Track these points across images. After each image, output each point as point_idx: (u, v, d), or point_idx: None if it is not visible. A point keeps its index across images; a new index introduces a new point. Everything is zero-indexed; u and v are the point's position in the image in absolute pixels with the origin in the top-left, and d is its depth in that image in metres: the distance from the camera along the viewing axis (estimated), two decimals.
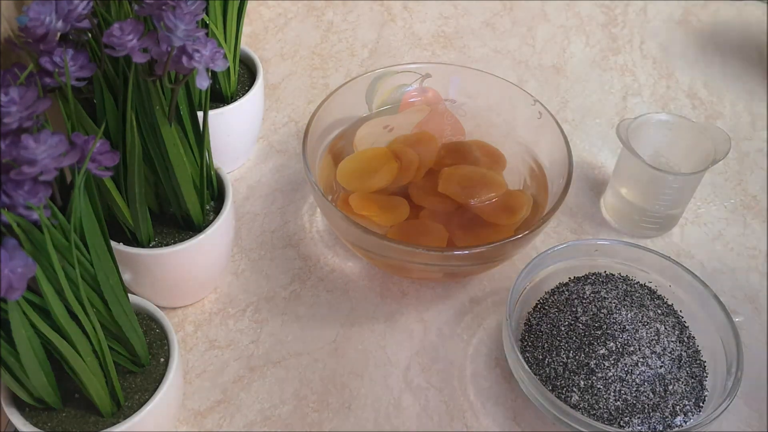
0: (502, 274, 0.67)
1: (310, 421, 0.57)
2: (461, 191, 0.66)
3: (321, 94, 0.78)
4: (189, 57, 0.45)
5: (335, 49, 0.88)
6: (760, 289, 0.67)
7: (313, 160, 0.65)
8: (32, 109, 0.38)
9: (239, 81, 0.70)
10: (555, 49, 0.90)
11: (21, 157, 0.37)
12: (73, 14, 0.45)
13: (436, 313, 0.64)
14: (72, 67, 0.45)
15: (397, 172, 0.67)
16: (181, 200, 0.55)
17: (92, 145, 0.41)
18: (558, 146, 0.65)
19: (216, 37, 0.62)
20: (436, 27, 0.92)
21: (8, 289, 0.35)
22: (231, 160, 0.73)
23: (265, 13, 0.92)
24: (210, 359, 0.60)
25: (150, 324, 0.53)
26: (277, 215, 0.71)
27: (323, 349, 0.61)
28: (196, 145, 0.54)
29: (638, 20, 0.95)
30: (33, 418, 0.47)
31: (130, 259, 0.55)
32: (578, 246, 0.63)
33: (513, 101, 0.70)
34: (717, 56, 0.90)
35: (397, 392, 0.59)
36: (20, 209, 0.37)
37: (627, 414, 0.54)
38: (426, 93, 0.74)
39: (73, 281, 0.42)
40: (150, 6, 0.46)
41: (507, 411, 0.58)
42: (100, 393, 0.46)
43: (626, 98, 0.84)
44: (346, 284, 0.66)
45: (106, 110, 0.50)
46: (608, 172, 0.76)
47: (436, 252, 0.60)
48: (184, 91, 0.52)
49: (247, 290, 0.65)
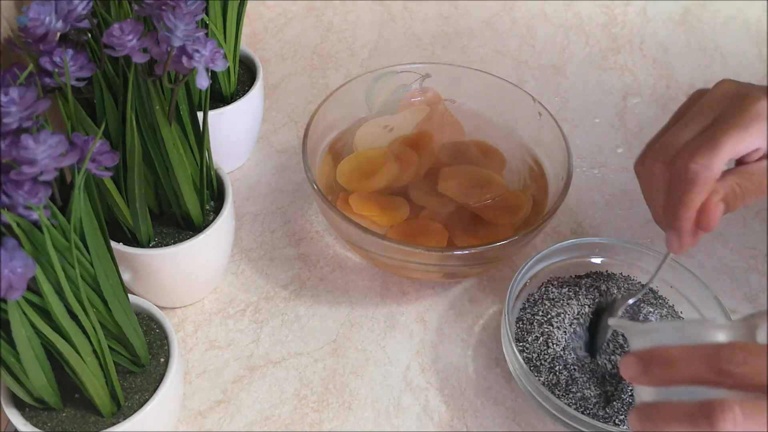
0: (502, 274, 0.67)
1: (310, 421, 0.57)
2: (461, 191, 0.66)
3: (321, 94, 0.78)
4: (189, 57, 0.45)
5: (335, 49, 0.88)
6: (760, 289, 0.67)
7: (313, 160, 0.65)
8: (32, 109, 0.39)
9: (239, 81, 0.70)
10: (555, 49, 0.90)
11: (21, 157, 0.37)
12: (73, 14, 0.45)
13: (436, 313, 0.64)
14: (72, 67, 0.45)
15: (397, 172, 0.67)
16: (181, 200, 0.55)
17: (92, 145, 0.41)
18: (558, 146, 0.65)
19: (216, 37, 0.62)
20: (436, 27, 0.92)
21: (8, 289, 0.35)
22: (231, 160, 0.73)
23: (265, 13, 0.92)
24: (210, 359, 0.60)
25: (150, 324, 0.53)
26: (277, 215, 0.71)
27: (323, 349, 0.61)
28: (196, 145, 0.54)
29: (638, 20, 0.95)
30: (33, 418, 0.47)
31: (130, 259, 0.55)
32: (578, 245, 0.63)
33: (513, 101, 0.70)
34: (717, 56, 0.90)
35: (397, 392, 0.59)
36: (20, 209, 0.37)
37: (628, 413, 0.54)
38: (426, 93, 0.74)
39: (73, 281, 0.42)
40: (150, 6, 0.46)
41: (507, 411, 0.58)
42: (100, 393, 0.46)
43: (626, 98, 0.84)
44: (346, 284, 0.66)
45: (106, 110, 0.50)
46: (608, 172, 0.76)
47: (436, 252, 0.60)
48: (184, 91, 0.52)
49: (247, 290, 0.65)
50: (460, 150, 0.71)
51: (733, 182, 0.52)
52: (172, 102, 0.50)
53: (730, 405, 0.38)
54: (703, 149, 0.50)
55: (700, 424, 0.39)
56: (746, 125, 0.50)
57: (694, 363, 0.41)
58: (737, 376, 0.39)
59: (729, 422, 0.38)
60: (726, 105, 0.52)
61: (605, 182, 0.75)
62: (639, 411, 0.43)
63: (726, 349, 0.40)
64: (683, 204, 0.51)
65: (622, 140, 0.79)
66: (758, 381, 0.39)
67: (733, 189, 0.52)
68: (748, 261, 0.70)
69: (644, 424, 0.42)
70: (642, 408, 0.43)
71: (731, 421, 0.38)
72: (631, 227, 0.71)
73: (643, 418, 0.42)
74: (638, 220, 0.72)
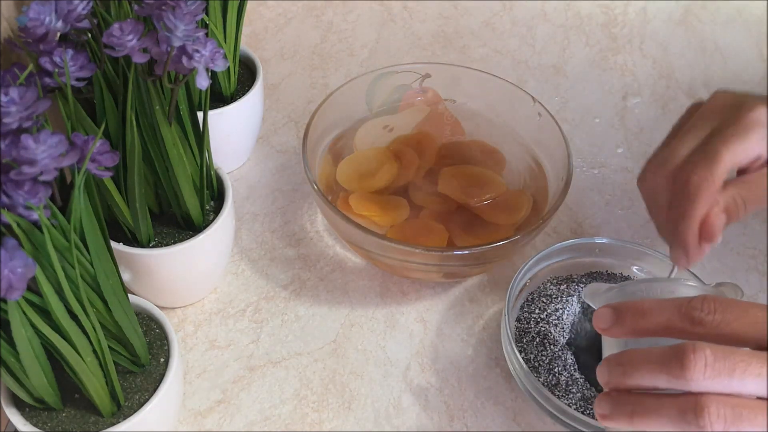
0: (502, 274, 0.67)
1: (310, 421, 0.57)
2: (461, 191, 0.66)
3: (321, 94, 0.78)
4: (189, 57, 0.45)
5: (335, 49, 0.88)
6: (760, 289, 0.67)
7: (313, 160, 0.65)
8: (32, 109, 0.39)
9: (239, 81, 0.70)
10: (555, 49, 0.90)
11: (21, 157, 0.37)
12: (73, 14, 0.45)
13: (436, 313, 0.64)
14: (72, 67, 0.45)
15: (397, 172, 0.67)
16: (181, 200, 0.55)
17: (92, 145, 0.41)
18: (558, 146, 0.65)
19: (216, 37, 0.62)
20: (436, 27, 0.92)
21: (8, 289, 0.35)
22: (231, 160, 0.73)
23: (265, 13, 0.92)
24: (210, 359, 0.60)
25: (150, 324, 0.53)
26: (277, 215, 0.71)
27: (323, 349, 0.61)
28: (196, 145, 0.54)
29: (638, 20, 0.95)
30: (33, 418, 0.47)
31: (130, 259, 0.55)
32: (578, 246, 0.63)
33: (513, 101, 0.70)
34: (717, 56, 0.90)
35: (397, 392, 0.59)
36: (20, 209, 0.37)
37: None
38: (426, 93, 0.74)
39: (73, 281, 0.42)
40: (150, 6, 0.46)
41: (507, 411, 0.58)
42: (100, 393, 0.46)
43: (626, 98, 0.84)
44: (346, 284, 0.66)
45: (106, 110, 0.50)
46: (608, 172, 0.76)
47: (436, 252, 0.60)
48: (184, 91, 0.52)
49: (247, 290, 0.65)
50: (460, 150, 0.71)
51: (735, 193, 0.52)
52: (172, 102, 0.50)
53: (701, 346, 0.39)
54: (703, 161, 0.50)
55: (672, 365, 0.40)
56: (744, 134, 0.51)
57: (665, 312, 0.42)
58: (708, 324, 0.40)
59: (700, 362, 0.39)
60: (723, 115, 0.53)
61: (605, 182, 0.75)
62: (607, 360, 0.43)
63: (698, 299, 0.41)
64: (686, 217, 0.51)
65: (622, 140, 0.79)
66: (727, 330, 0.40)
67: (734, 199, 0.52)
68: (748, 261, 0.70)
69: (613, 371, 0.43)
70: (611, 357, 0.43)
71: (701, 361, 0.39)
72: (631, 227, 0.71)
73: (612, 365, 0.43)
74: (638, 220, 0.72)
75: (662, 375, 0.40)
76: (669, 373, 0.40)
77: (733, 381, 0.39)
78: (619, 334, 0.44)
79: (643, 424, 0.41)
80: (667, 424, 0.40)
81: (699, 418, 0.39)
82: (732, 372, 0.39)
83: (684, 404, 0.40)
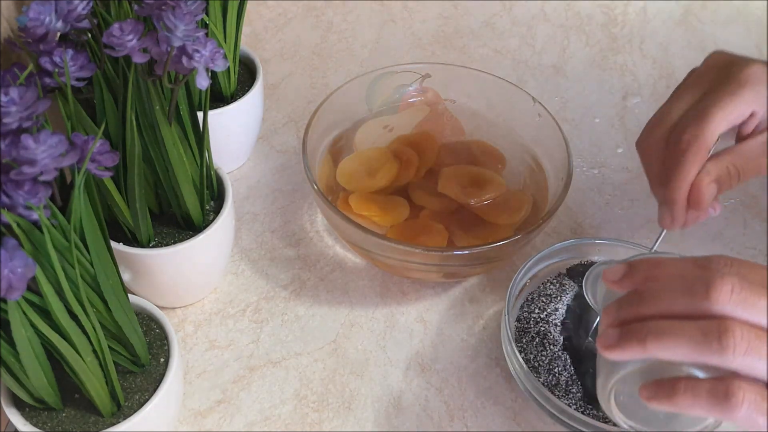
0: (502, 274, 0.67)
1: (310, 421, 0.57)
2: (461, 191, 0.66)
3: (321, 94, 0.78)
4: (189, 57, 0.45)
5: (335, 49, 0.88)
6: None
7: (313, 160, 0.65)
8: (32, 109, 0.39)
9: (239, 81, 0.70)
10: (555, 49, 0.90)
11: (21, 157, 0.37)
12: (73, 14, 0.45)
13: (436, 313, 0.64)
14: (72, 67, 0.45)
15: (397, 172, 0.67)
16: (180, 200, 0.55)
17: (92, 145, 0.41)
18: (558, 146, 0.65)
19: (216, 37, 0.62)
20: (436, 27, 0.92)
21: (8, 289, 0.35)
22: (231, 160, 0.73)
23: (265, 13, 0.92)
24: (210, 359, 0.60)
25: (150, 324, 0.53)
26: (277, 215, 0.71)
27: (323, 349, 0.61)
28: (196, 145, 0.55)
29: (638, 20, 0.95)
30: (33, 418, 0.47)
31: (130, 259, 0.55)
32: (578, 246, 0.63)
33: (513, 101, 0.70)
34: None
35: (397, 392, 0.59)
36: (20, 209, 0.37)
37: None
38: (426, 93, 0.74)
39: (73, 281, 0.42)
40: (150, 6, 0.46)
41: (507, 411, 0.58)
42: (100, 393, 0.46)
43: (626, 98, 0.84)
44: (346, 284, 0.66)
45: (106, 110, 0.50)
46: (608, 172, 0.76)
47: (436, 252, 0.60)
48: (184, 91, 0.52)
49: (247, 290, 0.65)
50: (460, 150, 0.71)
51: (728, 162, 0.53)
52: (172, 102, 0.50)
53: (729, 274, 0.40)
54: (694, 120, 0.52)
55: (696, 287, 0.40)
56: (735, 92, 0.51)
57: (681, 264, 0.42)
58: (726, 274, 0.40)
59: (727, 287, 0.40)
60: (716, 75, 0.53)
61: (605, 182, 0.75)
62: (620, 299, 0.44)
63: (714, 255, 0.42)
64: (675, 174, 0.52)
65: (622, 140, 0.79)
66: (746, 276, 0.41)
67: (727, 169, 0.53)
68: None
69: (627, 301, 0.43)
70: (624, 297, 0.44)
71: (728, 286, 0.40)
72: (631, 227, 0.71)
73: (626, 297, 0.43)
74: (638, 220, 0.72)
75: (685, 298, 0.40)
76: (693, 296, 0.40)
77: (756, 310, 0.39)
78: (630, 285, 0.44)
79: (658, 347, 0.40)
80: (685, 346, 0.39)
81: (723, 339, 0.38)
82: (757, 300, 0.39)
83: (707, 326, 0.39)
